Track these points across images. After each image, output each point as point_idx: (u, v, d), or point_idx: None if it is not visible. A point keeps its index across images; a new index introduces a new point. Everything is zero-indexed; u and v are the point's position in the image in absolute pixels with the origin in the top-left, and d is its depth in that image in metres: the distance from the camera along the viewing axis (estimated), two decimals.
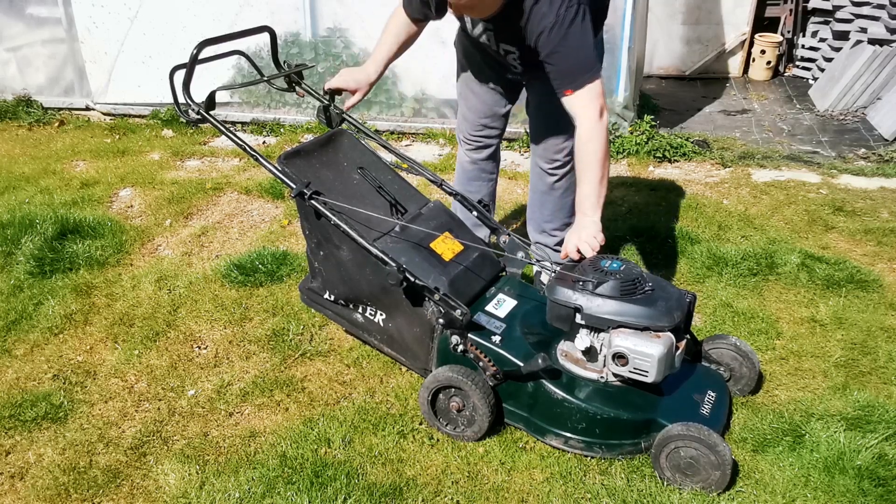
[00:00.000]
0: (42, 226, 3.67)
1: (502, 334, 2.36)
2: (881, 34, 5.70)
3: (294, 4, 5.22)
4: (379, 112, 5.41)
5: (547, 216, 3.00)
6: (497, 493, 2.17)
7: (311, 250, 2.62)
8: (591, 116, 2.32)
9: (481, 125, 2.97)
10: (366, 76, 2.70)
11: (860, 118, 5.62)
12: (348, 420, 2.46)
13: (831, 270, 3.29)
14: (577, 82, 2.32)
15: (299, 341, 2.90)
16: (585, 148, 2.34)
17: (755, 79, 6.96)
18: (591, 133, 2.33)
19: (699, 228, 3.78)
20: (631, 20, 4.72)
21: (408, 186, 2.78)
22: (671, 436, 2.10)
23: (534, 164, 2.94)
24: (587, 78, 2.31)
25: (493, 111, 2.93)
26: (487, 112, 2.94)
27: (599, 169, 2.34)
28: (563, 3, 2.27)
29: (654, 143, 4.89)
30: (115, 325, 3.05)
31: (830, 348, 2.80)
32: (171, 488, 2.22)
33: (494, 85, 2.86)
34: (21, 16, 5.75)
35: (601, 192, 2.38)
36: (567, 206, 2.95)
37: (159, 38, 5.39)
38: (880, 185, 4.40)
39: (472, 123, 2.98)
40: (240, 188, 4.41)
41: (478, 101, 2.93)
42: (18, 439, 2.45)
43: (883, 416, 2.38)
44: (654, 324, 2.13)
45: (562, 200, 2.94)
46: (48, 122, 5.82)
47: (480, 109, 2.94)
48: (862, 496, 2.09)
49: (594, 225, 2.36)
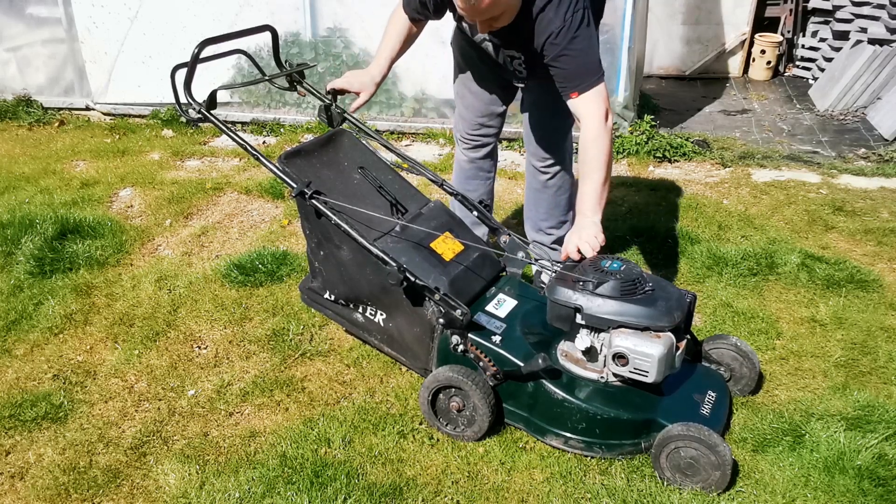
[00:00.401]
0: (42, 226, 3.67)
1: (502, 334, 2.36)
2: (881, 34, 5.70)
3: (294, 4, 5.22)
4: (379, 112, 5.41)
5: (542, 214, 3.01)
6: (497, 493, 2.17)
7: (312, 250, 2.62)
8: (597, 119, 2.33)
9: (479, 124, 2.97)
10: (370, 78, 2.70)
11: (860, 118, 5.62)
12: (348, 420, 2.46)
13: (831, 270, 3.29)
14: (584, 85, 2.33)
15: (299, 341, 2.90)
16: (590, 149, 2.35)
17: (755, 79, 6.96)
18: (596, 135, 2.33)
19: (699, 228, 3.78)
20: (631, 20, 4.72)
21: (408, 186, 2.78)
22: (671, 436, 2.10)
23: (528, 162, 2.97)
24: (594, 81, 2.33)
25: (490, 110, 2.94)
26: (485, 111, 2.94)
27: (603, 170, 2.35)
28: (570, 8, 2.28)
29: (654, 143, 4.89)
30: (115, 325, 3.05)
31: (830, 348, 2.80)
32: (171, 488, 2.22)
33: (491, 84, 2.87)
34: (21, 16, 5.75)
35: (603, 193, 2.39)
36: (562, 205, 2.97)
37: (159, 38, 5.39)
38: (880, 184, 4.40)
39: (470, 122, 2.99)
40: (240, 188, 4.41)
41: (475, 100, 2.93)
42: (18, 439, 2.45)
43: (883, 416, 2.38)
44: (654, 324, 2.13)
45: (556, 198, 2.95)
46: (48, 122, 5.82)
47: (478, 108, 2.95)
48: (862, 496, 2.09)
49: (594, 226, 2.36)
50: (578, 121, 2.40)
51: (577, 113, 2.38)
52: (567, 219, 3.01)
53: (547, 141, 2.84)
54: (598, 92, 2.33)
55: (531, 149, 2.90)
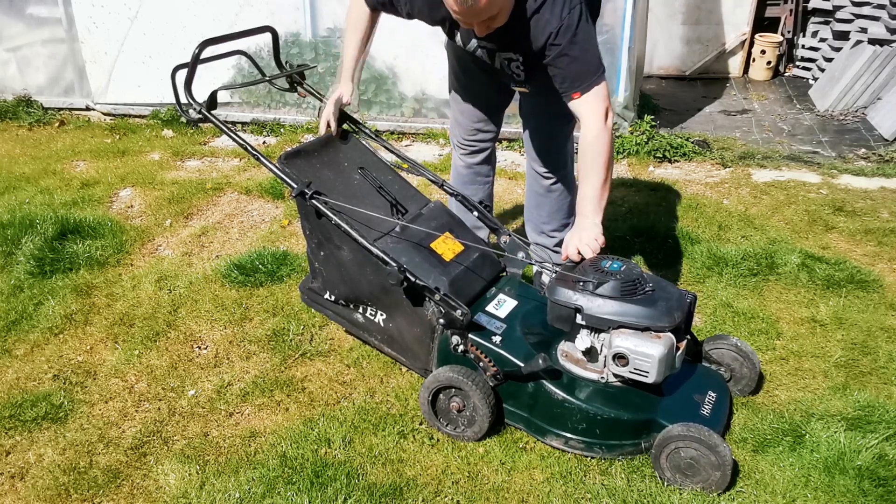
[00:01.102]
0: (42, 226, 3.67)
1: (503, 335, 2.36)
2: (881, 34, 5.70)
3: (294, 4, 5.22)
4: (379, 112, 5.41)
5: (545, 217, 3.00)
6: (497, 493, 2.17)
7: (312, 250, 2.62)
8: (598, 119, 2.31)
9: (475, 129, 2.95)
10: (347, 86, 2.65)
11: (860, 118, 5.62)
12: (348, 420, 2.46)
13: (831, 270, 3.29)
14: (585, 85, 2.30)
15: (299, 341, 2.90)
16: (591, 150, 2.33)
17: (755, 79, 6.96)
18: (596, 135, 2.32)
19: (699, 228, 3.78)
20: (631, 20, 4.72)
21: (408, 186, 2.77)
22: (672, 436, 2.10)
23: (529, 167, 2.93)
24: (595, 80, 2.31)
25: (486, 115, 2.92)
26: (481, 116, 2.92)
27: (603, 171, 2.34)
28: (565, 6, 2.25)
29: (655, 144, 4.89)
30: (116, 325, 3.05)
31: (831, 348, 2.80)
32: (171, 488, 2.22)
33: (488, 88, 2.84)
34: (21, 16, 5.75)
35: (603, 194, 2.37)
36: (564, 208, 2.95)
37: (159, 39, 5.39)
38: (880, 185, 4.40)
39: (466, 128, 2.97)
40: (240, 188, 4.41)
41: (471, 105, 2.91)
42: (19, 439, 2.45)
43: (883, 416, 2.38)
44: (654, 324, 2.13)
45: (559, 202, 2.93)
46: (48, 122, 5.83)
47: (474, 113, 2.92)
48: (862, 496, 2.09)
49: (595, 227, 2.35)
50: (579, 121, 2.38)
51: (578, 113, 2.37)
52: (569, 221, 2.99)
53: (548, 147, 2.82)
54: (599, 91, 2.31)
55: (532, 154, 2.87)
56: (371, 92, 5.32)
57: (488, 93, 2.86)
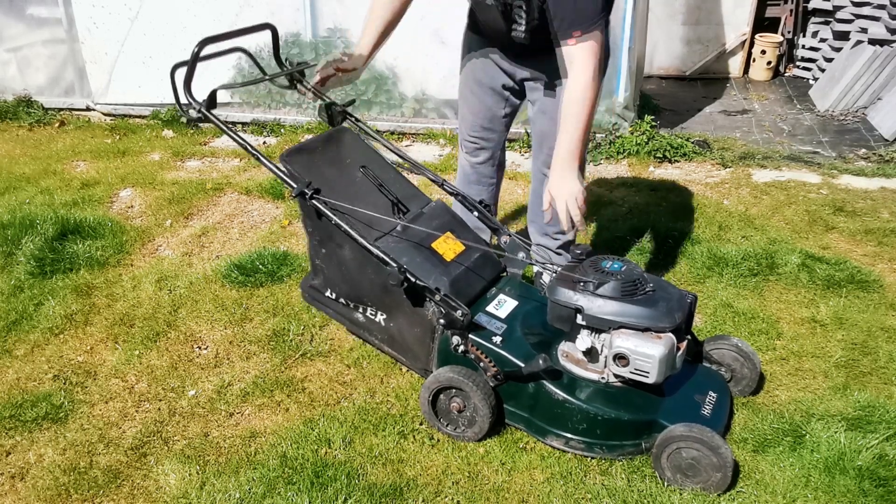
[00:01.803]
0: (42, 226, 3.67)
1: (503, 335, 2.36)
2: (881, 34, 5.70)
3: (294, 4, 5.22)
4: (379, 112, 5.41)
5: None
6: (497, 493, 2.17)
7: (313, 248, 2.61)
8: (590, 69, 2.30)
9: (479, 126, 2.95)
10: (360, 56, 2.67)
11: (860, 118, 5.62)
12: (349, 420, 2.46)
13: (832, 271, 3.29)
14: (585, 26, 2.27)
15: (300, 341, 2.90)
16: (579, 98, 2.32)
17: (755, 79, 6.96)
18: (586, 86, 2.31)
19: (699, 229, 3.78)
20: (631, 20, 4.72)
21: (410, 186, 2.77)
22: (672, 437, 2.10)
23: (535, 167, 2.93)
24: (593, 26, 2.28)
25: (492, 113, 2.91)
26: (486, 114, 2.92)
27: (586, 121, 2.34)
28: None
29: (655, 144, 4.89)
30: (116, 325, 3.05)
31: (831, 349, 2.79)
32: (171, 488, 2.22)
33: (495, 86, 2.85)
34: (21, 16, 5.75)
35: (583, 147, 2.37)
36: None
37: (160, 39, 5.39)
38: (881, 185, 4.39)
39: (470, 125, 2.97)
40: (240, 188, 4.41)
41: (477, 102, 2.91)
42: (19, 439, 2.45)
43: (883, 416, 2.38)
44: (655, 324, 2.13)
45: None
46: (48, 122, 5.83)
47: (479, 111, 2.92)
48: (862, 496, 2.09)
49: (577, 180, 2.36)
50: (569, 68, 2.34)
51: (570, 60, 2.33)
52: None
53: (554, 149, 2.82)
54: (594, 43, 2.29)
55: (540, 155, 2.86)
56: (371, 92, 5.32)
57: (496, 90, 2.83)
